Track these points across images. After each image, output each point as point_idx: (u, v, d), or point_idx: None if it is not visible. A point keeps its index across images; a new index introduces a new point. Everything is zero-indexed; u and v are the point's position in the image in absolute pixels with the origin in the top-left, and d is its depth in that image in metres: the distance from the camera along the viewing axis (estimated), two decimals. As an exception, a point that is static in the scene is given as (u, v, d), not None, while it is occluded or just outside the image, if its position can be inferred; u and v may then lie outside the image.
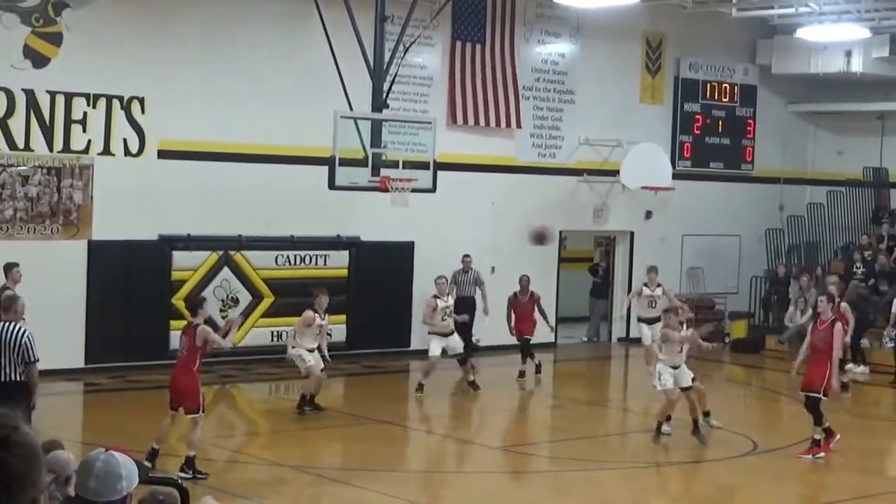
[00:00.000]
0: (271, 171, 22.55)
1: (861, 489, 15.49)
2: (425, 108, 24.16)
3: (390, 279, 24.04)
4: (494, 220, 25.50)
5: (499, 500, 14.63)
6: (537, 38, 26.26)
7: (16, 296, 14.07)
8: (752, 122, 29.85)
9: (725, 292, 29.23)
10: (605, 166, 26.93)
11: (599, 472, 16.07)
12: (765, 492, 15.13)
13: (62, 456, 6.97)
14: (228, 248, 22.49)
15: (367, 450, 16.42)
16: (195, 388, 14.53)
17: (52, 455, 6.88)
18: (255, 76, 22.38)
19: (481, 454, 16.76)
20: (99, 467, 5.06)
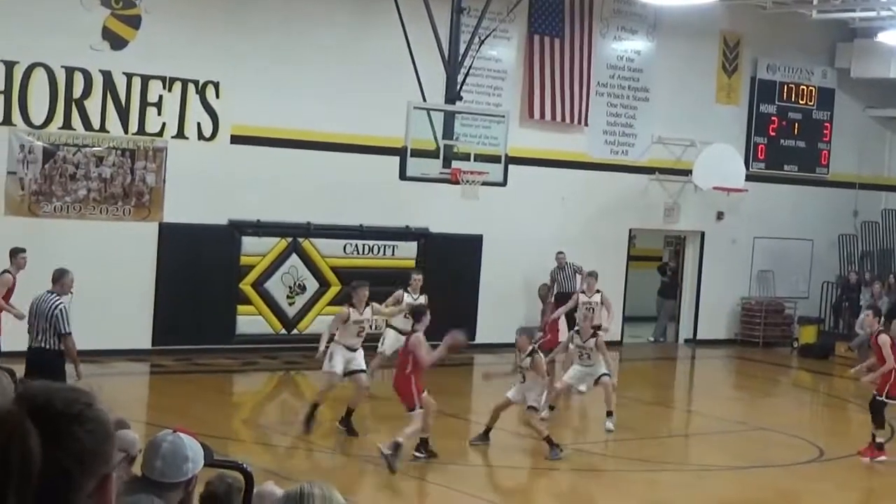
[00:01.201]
0: (342, 159, 22.65)
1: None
2: (498, 101, 24.17)
3: (458, 271, 24.06)
4: (564, 216, 25.45)
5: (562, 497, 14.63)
6: (613, 35, 26.17)
7: (65, 269, 14.38)
8: (829, 125, 29.57)
9: (796, 297, 28.99)
10: (677, 165, 26.80)
11: (661, 472, 16.04)
12: (828, 499, 15.04)
13: (128, 435, 7.05)
14: (297, 235, 22.63)
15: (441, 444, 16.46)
16: (409, 390, 14.95)
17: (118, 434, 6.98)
18: (329, 64, 22.48)
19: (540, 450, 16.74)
20: (166, 448, 5.15)
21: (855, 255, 29.58)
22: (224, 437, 14.99)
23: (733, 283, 27.97)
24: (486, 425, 16.32)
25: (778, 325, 28.52)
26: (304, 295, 22.66)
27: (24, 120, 20.10)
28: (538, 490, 15.21)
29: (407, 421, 14.76)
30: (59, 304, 13.85)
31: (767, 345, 27.76)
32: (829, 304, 28.78)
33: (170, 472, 5.13)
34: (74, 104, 20.44)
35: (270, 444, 16.27)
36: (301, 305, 22.67)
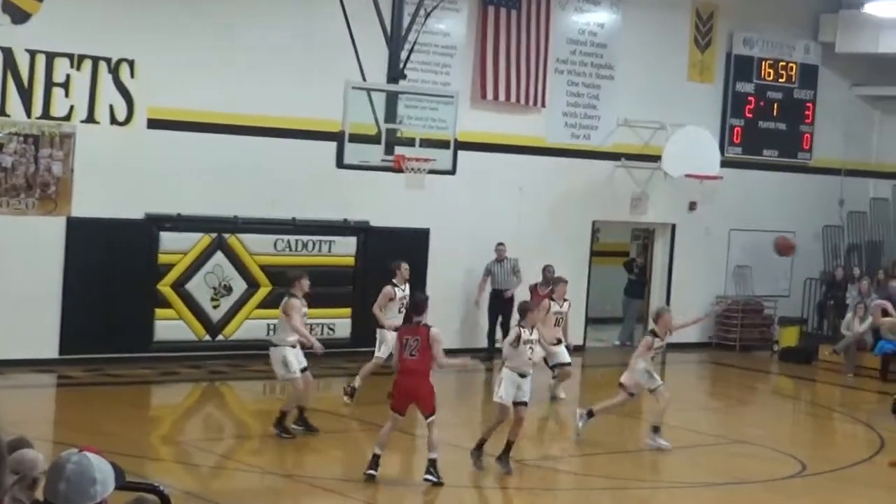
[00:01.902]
0: (273, 145, 22.59)
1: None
2: (447, 80, 24.18)
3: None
4: (520, 208, 25.51)
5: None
6: (574, 6, 26.24)
7: None
8: (812, 105, 29.80)
9: (776, 295, 29.19)
10: (645, 151, 26.91)
11: (630, 490, 16.12)
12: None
13: (29, 455, 7.01)
14: (223, 230, 22.55)
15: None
16: (430, 390, 15.02)
17: (18, 454, 6.93)
18: (258, 40, 22.40)
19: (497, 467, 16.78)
20: (71, 469, 5.10)
21: (841, 248, 29.82)
22: (140, 456, 14.94)
23: (707, 281, 28.13)
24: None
25: (756, 326, 28.72)
26: (231, 297, 22.59)
27: (-86, 102, 19.95)
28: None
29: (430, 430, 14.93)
30: None
31: (745, 348, 27.95)
32: (813, 302, 29.00)
33: (75, 496, 5.10)
34: (-29, 85, 20.31)
35: (192, 464, 16.20)
36: (227, 308, 22.60)
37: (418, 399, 15.00)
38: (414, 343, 14.94)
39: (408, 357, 14.98)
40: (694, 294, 27.73)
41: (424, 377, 14.98)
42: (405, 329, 15.54)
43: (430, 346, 14.84)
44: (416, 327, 15.21)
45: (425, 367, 14.92)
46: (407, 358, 15.00)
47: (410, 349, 14.96)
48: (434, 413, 14.93)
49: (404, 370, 15.08)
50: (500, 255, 24.59)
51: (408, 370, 15.02)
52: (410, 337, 15.06)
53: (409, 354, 14.97)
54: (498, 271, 24.64)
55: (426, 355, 14.86)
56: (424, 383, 14.99)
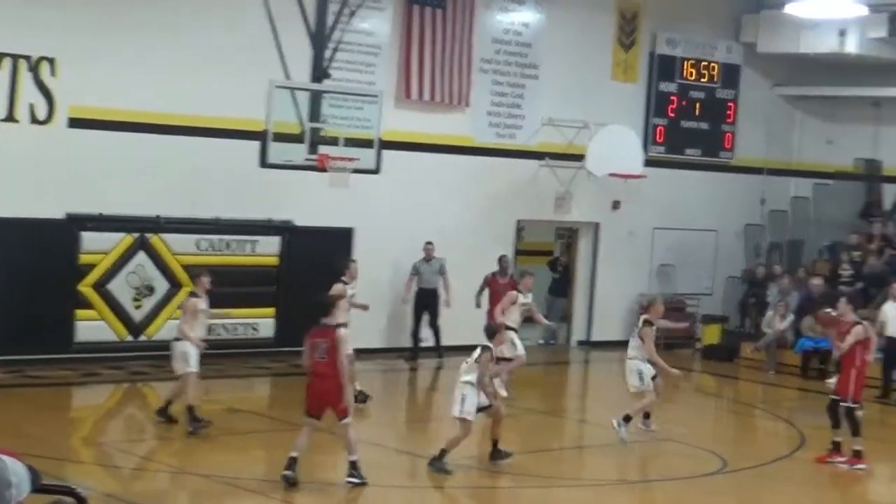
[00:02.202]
0: (197, 145, 22.48)
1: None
2: (371, 79, 24.16)
3: (326, 269, 23.96)
4: (445, 207, 25.54)
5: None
6: (499, 6, 26.32)
7: None
8: (734, 105, 30.05)
9: (699, 293, 29.43)
10: (569, 150, 27.00)
11: (553, 489, 16.17)
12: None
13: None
14: (145, 229, 22.43)
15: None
16: (342, 393, 14.79)
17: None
18: (182, 39, 22.28)
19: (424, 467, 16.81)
20: (-17, 473, 5.07)
21: (762, 246, 30.11)
22: (61, 459, 14.82)
23: (631, 279, 28.29)
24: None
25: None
26: (153, 297, 22.47)
27: None
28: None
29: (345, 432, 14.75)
30: None
31: (668, 346, 27.94)
32: (735, 301, 29.23)
33: (-13, 499, 5.06)
34: None
35: (113, 466, 16.09)
36: (149, 309, 22.47)
37: (330, 402, 14.74)
38: (323, 345, 14.71)
39: (318, 360, 14.70)
40: (617, 292, 27.89)
41: (335, 380, 14.70)
42: (314, 332, 15.11)
43: (338, 348, 14.63)
44: (324, 329, 14.95)
45: (335, 370, 14.67)
46: (317, 361, 14.72)
47: (320, 352, 14.69)
48: (347, 415, 14.75)
49: (315, 373, 14.79)
50: (428, 254, 24.68)
51: (318, 373, 14.73)
52: (320, 340, 14.79)
53: (318, 357, 14.69)
54: (425, 270, 24.72)
55: (335, 358, 14.64)
56: (335, 386, 14.73)
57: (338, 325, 15.04)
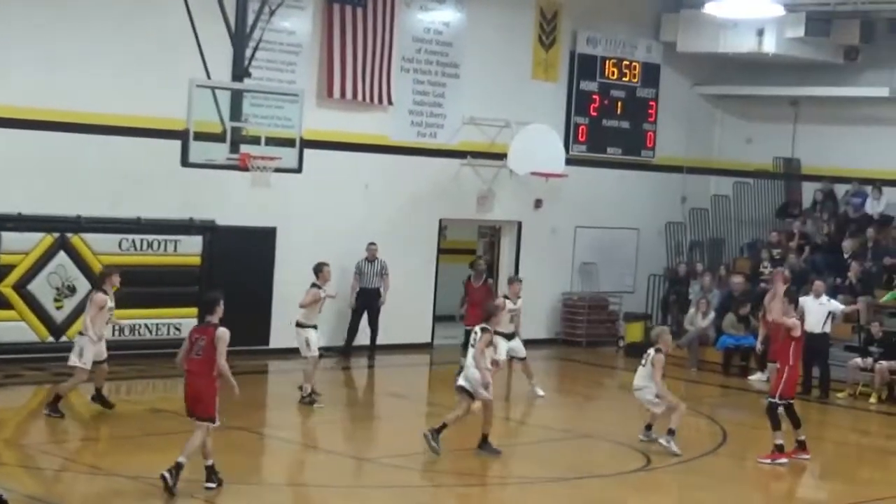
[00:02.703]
0: (117, 143, 22.33)
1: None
2: (292, 78, 24.09)
3: (249, 269, 23.94)
4: (368, 205, 25.53)
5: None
6: (420, 4, 26.32)
7: None
8: (655, 104, 30.25)
9: (621, 291, 29.59)
10: (491, 149, 27.07)
11: (477, 487, 16.19)
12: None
13: None
14: (66, 229, 22.24)
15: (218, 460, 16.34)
16: (213, 394, 14.36)
17: None
18: (100, 36, 22.13)
19: (348, 466, 16.77)
20: None
21: (684, 244, 30.32)
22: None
23: (554, 278, 28.42)
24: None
25: (602, 322, 29.08)
26: (75, 297, 22.27)
27: None
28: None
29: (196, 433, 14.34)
30: None
31: (591, 344, 28.27)
32: (657, 298, 29.41)
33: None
34: None
35: (36, 468, 15.93)
36: (71, 309, 22.26)
37: (198, 401, 14.33)
38: (201, 343, 14.34)
39: (193, 357, 14.38)
40: (541, 291, 27.95)
41: (208, 378, 14.32)
42: (195, 329, 14.90)
43: (214, 347, 14.29)
44: (205, 327, 14.62)
45: (209, 368, 14.28)
46: (193, 358, 14.39)
47: (197, 349, 14.36)
48: (211, 419, 14.32)
49: (189, 370, 14.47)
50: (371, 254, 25.02)
51: (191, 371, 14.41)
52: (199, 336, 14.46)
53: (195, 354, 14.36)
54: (368, 270, 24.92)
55: (211, 356, 14.26)
56: (207, 385, 14.34)
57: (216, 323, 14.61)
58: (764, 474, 17.55)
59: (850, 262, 26.55)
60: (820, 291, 23.33)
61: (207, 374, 14.31)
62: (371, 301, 24.99)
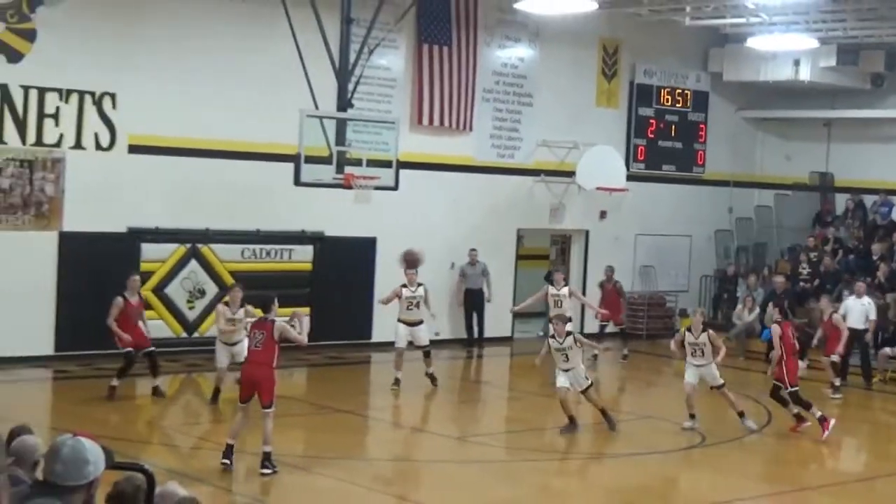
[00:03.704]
0: (239, 166, 22.45)
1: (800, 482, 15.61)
2: (388, 108, 24.11)
3: (353, 273, 24.00)
4: (454, 218, 25.49)
5: (453, 487, 14.61)
6: (498, 43, 26.27)
7: None
8: (704, 126, 29.97)
9: (676, 290, 29.33)
10: (561, 167, 26.95)
11: (552, 461, 16.10)
12: (709, 483, 15.23)
13: (30, 441, 6.89)
14: (196, 240, 22.39)
15: (328, 438, 16.39)
16: (273, 382, 14.17)
17: (19, 440, 6.81)
18: (223, 74, 22.27)
19: (438, 443, 16.74)
20: (66, 452, 5.02)
21: (731, 249, 30.01)
22: (128, 440, 14.76)
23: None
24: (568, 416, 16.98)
25: (660, 317, 28.83)
26: (204, 299, 22.42)
27: (-78, 133, 19.63)
28: (427, 481, 15.14)
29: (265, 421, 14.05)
30: None
31: (650, 336, 28.03)
32: (708, 296, 29.14)
33: (70, 475, 5.00)
34: (-28, 117, 20.03)
35: (174, 445, 16.05)
36: (201, 309, 22.41)
37: (259, 388, 14.04)
38: (260, 336, 14.17)
39: (253, 348, 14.27)
40: (606, 290, 27.74)
41: (268, 367, 14.13)
42: (255, 323, 14.76)
43: (274, 340, 14.07)
44: (263, 322, 14.43)
45: (268, 359, 14.08)
46: (252, 349, 14.30)
47: (256, 341, 14.22)
48: (271, 405, 14.07)
49: (250, 360, 14.38)
50: (472, 259, 25.21)
51: (252, 360, 14.29)
52: (258, 330, 14.32)
53: (254, 346, 14.24)
54: (471, 273, 25.18)
55: (270, 347, 14.06)
56: (267, 373, 14.12)
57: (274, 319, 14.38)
58: (804, 451, 17.29)
59: (879, 263, 26.14)
60: (861, 293, 23.03)
61: (268, 364, 14.12)
62: (476, 300, 25.22)
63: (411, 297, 20.23)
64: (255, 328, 14.51)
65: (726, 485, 15.16)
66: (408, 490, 14.66)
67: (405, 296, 20.19)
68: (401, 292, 20.21)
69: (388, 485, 14.69)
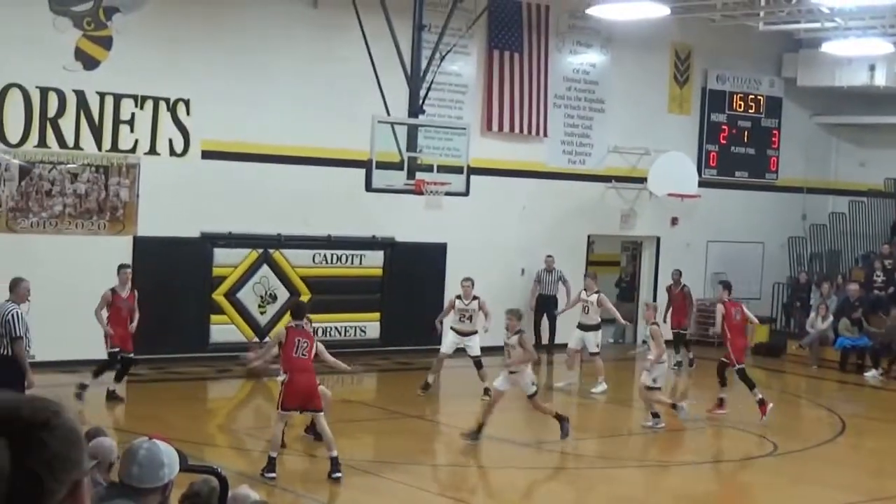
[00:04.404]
0: (310, 172, 22.60)
1: (876, 491, 15.42)
2: (460, 114, 24.17)
3: (423, 279, 24.05)
4: (525, 224, 25.49)
5: (520, 494, 14.62)
6: (569, 49, 26.24)
7: (21, 278, 14.76)
8: (777, 132, 29.73)
9: (748, 297, 29.01)
10: (633, 173, 26.86)
11: (621, 469, 16.04)
12: (783, 492, 15.09)
13: (105, 442, 7.00)
14: (268, 246, 22.56)
15: (397, 443, 16.45)
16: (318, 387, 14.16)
17: (95, 441, 6.92)
18: (296, 80, 22.44)
19: (506, 450, 16.74)
20: (143, 455, 5.10)
21: (804, 256, 29.73)
22: (199, 443, 14.90)
23: (688, 285, 27.99)
24: (478, 421, 16.36)
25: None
26: (275, 304, 22.58)
27: (1, 139, 19.95)
28: (495, 488, 15.15)
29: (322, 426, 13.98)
30: (13, 309, 14.15)
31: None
32: (781, 303, 28.88)
33: (147, 477, 5.08)
34: (49, 123, 20.33)
35: (244, 449, 16.17)
36: (272, 314, 22.57)
37: (311, 395, 13.88)
38: (304, 344, 13.93)
39: (300, 356, 13.90)
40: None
41: (314, 375, 13.99)
42: (294, 331, 14.17)
43: (313, 350, 13.93)
44: (304, 330, 14.18)
45: (313, 366, 13.98)
46: (300, 358, 13.90)
47: (302, 349, 13.91)
48: (321, 408, 14.00)
49: (299, 368, 13.91)
50: (548, 265, 25.14)
51: (303, 368, 13.92)
52: (302, 338, 14.01)
53: (300, 354, 13.90)
54: (546, 279, 25.17)
55: (310, 355, 13.92)
56: (315, 381, 14.01)
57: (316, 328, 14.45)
58: (878, 458, 17.10)
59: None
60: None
61: (314, 371, 14.05)
62: (548, 306, 25.07)
63: (464, 309, 20.36)
64: (298, 335, 14.08)
65: (801, 494, 15.02)
66: (475, 496, 14.68)
67: (458, 307, 20.35)
68: (454, 304, 20.26)
69: (456, 490, 14.72)
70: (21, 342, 13.98)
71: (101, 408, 17.16)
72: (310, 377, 14.01)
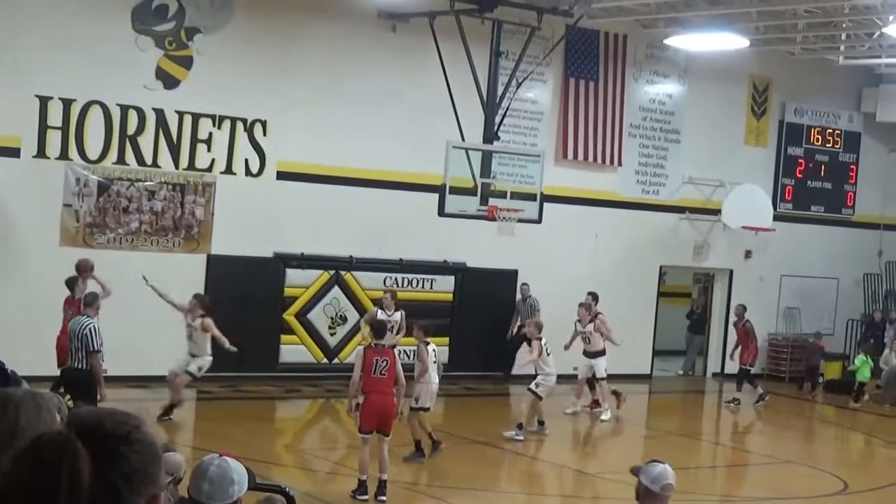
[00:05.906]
0: (383, 196, 22.69)
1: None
2: (534, 141, 24.18)
3: (493, 305, 24.04)
4: (596, 252, 25.42)
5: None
6: (646, 79, 26.18)
7: (96, 294, 15.64)
8: (855, 167, 29.45)
9: (822, 333, 28.77)
10: (707, 205, 26.72)
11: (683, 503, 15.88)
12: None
13: (175, 458, 7.07)
14: (339, 268, 22.67)
15: (463, 469, 16.43)
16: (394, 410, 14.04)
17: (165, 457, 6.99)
18: (372, 104, 22.56)
19: (572, 479, 16.68)
20: (213, 471, 5.15)
21: (879, 293, 29.39)
22: (267, 462, 14.97)
23: (761, 320, 27.70)
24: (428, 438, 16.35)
25: (803, 360, 28.28)
26: (346, 325, 22.68)
27: (81, 155, 20.25)
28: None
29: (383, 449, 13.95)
30: (89, 324, 14.54)
31: (793, 380, 27.55)
32: (854, 341, 28.55)
33: (217, 494, 5.14)
34: (128, 140, 20.60)
35: (311, 469, 16.24)
36: (342, 336, 22.68)
37: (386, 417, 13.78)
38: (383, 364, 13.75)
39: (378, 377, 13.73)
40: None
41: (392, 396, 13.85)
42: (373, 351, 13.99)
43: (394, 367, 13.76)
44: (383, 349, 14.02)
45: (391, 387, 13.77)
46: (378, 378, 13.73)
47: (381, 370, 13.74)
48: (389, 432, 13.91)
49: (376, 391, 13.76)
50: (524, 293, 24.07)
51: (380, 391, 13.76)
52: (380, 357, 13.84)
53: (379, 374, 13.72)
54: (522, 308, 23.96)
55: (392, 374, 13.76)
56: (392, 402, 13.87)
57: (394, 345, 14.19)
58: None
59: None
60: None
61: (392, 393, 13.88)
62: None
63: (582, 332, 21.00)
64: (376, 355, 13.94)
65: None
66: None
67: (578, 330, 21.03)
68: (575, 329, 20.81)
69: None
70: (97, 356, 14.26)
71: (170, 424, 17.29)
72: (386, 399, 13.83)
